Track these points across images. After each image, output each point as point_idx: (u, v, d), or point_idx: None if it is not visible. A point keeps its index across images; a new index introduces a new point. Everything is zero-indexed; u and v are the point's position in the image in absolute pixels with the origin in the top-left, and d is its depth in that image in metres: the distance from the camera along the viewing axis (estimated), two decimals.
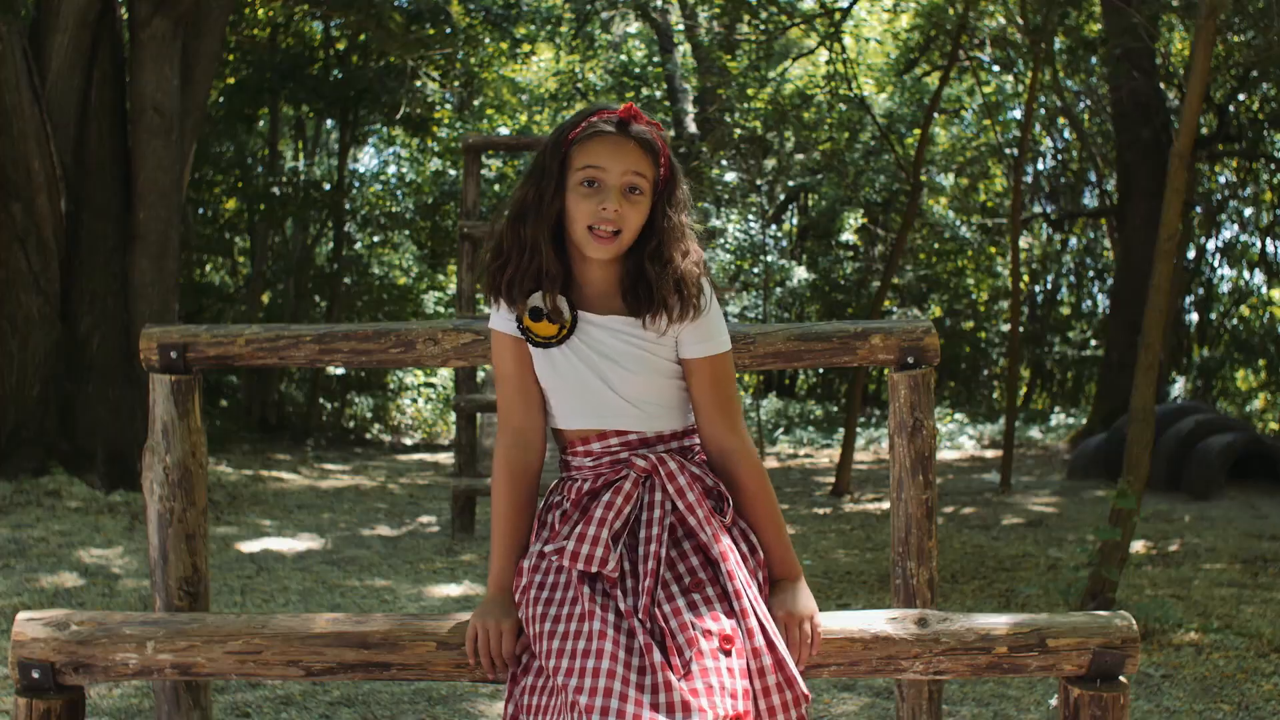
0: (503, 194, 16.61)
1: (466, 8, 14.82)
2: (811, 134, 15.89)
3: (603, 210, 2.09)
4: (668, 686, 1.91)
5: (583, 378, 2.18)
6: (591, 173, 2.11)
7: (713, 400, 2.20)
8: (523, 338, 2.19)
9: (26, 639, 2.18)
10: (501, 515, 2.21)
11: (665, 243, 2.15)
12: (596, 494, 2.17)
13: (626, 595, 2.05)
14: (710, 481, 2.19)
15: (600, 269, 2.19)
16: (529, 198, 2.16)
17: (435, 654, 2.20)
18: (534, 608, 2.10)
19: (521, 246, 2.16)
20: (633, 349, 2.18)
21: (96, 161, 8.55)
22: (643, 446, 2.20)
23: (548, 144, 2.17)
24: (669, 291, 2.14)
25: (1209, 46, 5.08)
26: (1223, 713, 3.78)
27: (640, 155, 2.12)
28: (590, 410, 2.20)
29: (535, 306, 2.17)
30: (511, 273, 2.16)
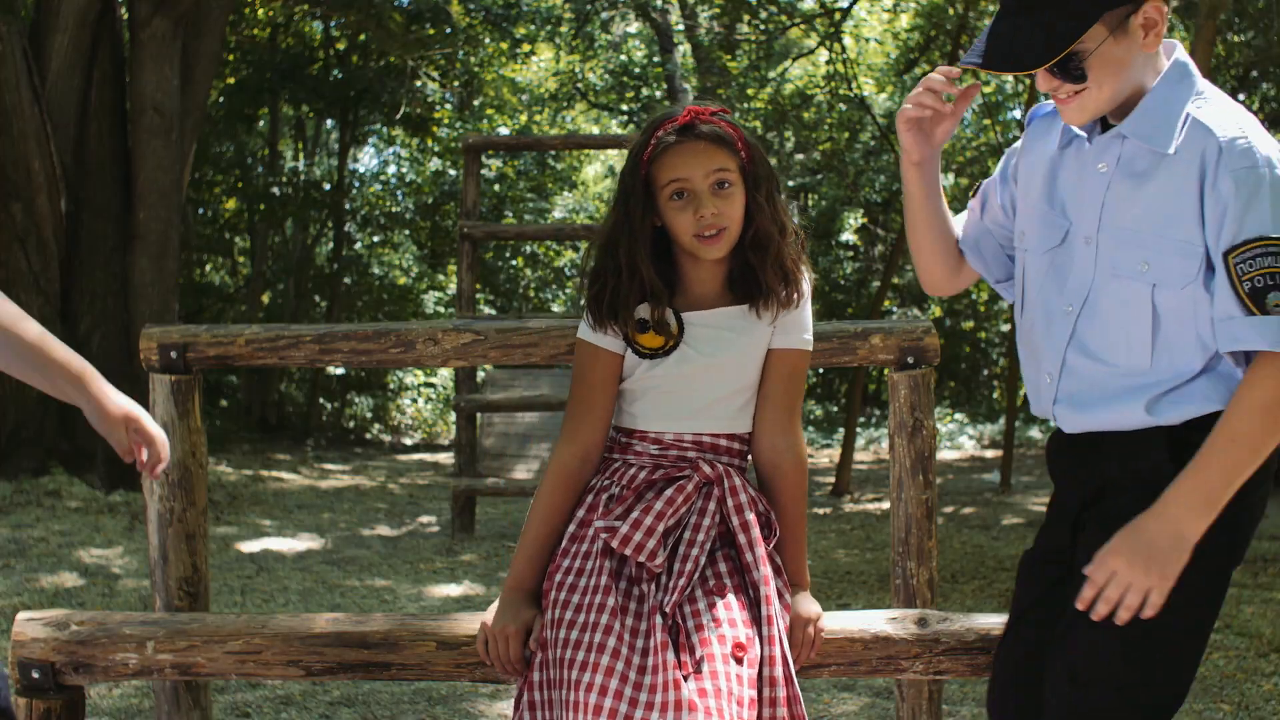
0: (503, 194, 16.63)
1: (466, 8, 14.83)
2: (811, 134, 15.90)
3: (700, 219, 2.12)
4: (676, 685, 1.92)
5: (676, 386, 2.19)
6: (677, 185, 2.13)
7: (783, 394, 2.22)
8: (622, 351, 2.20)
9: (26, 639, 2.19)
10: (539, 519, 2.21)
11: (761, 229, 2.17)
12: (654, 485, 2.17)
13: (658, 590, 2.06)
14: (763, 507, 2.21)
15: (711, 267, 2.21)
16: (619, 223, 2.19)
17: (435, 654, 2.20)
18: (559, 593, 2.10)
19: (618, 270, 2.17)
20: (739, 338, 2.19)
21: (96, 161, 8.55)
22: (711, 452, 2.21)
23: (625, 169, 2.20)
24: (774, 278, 2.17)
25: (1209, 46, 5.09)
26: (1223, 713, 3.78)
27: (716, 151, 2.14)
28: (675, 414, 2.21)
29: (641, 319, 2.18)
30: (612, 295, 2.18)
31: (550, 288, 18.45)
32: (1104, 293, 1.86)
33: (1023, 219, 2.02)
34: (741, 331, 2.20)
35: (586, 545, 2.15)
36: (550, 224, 16.20)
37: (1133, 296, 1.83)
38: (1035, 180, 1.98)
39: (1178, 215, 1.79)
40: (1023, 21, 1.78)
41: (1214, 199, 1.76)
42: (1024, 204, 2.02)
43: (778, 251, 2.18)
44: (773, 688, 2.01)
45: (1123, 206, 1.85)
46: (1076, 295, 1.89)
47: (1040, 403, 1.99)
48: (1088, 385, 1.89)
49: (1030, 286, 1.99)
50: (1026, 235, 2.00)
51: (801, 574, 2.25)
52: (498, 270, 17.43)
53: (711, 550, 2.16)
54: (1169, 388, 1.83)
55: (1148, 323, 1.83)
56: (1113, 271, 1.85)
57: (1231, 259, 1.75)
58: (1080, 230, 1.89)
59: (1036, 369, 2.00)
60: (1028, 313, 2.01)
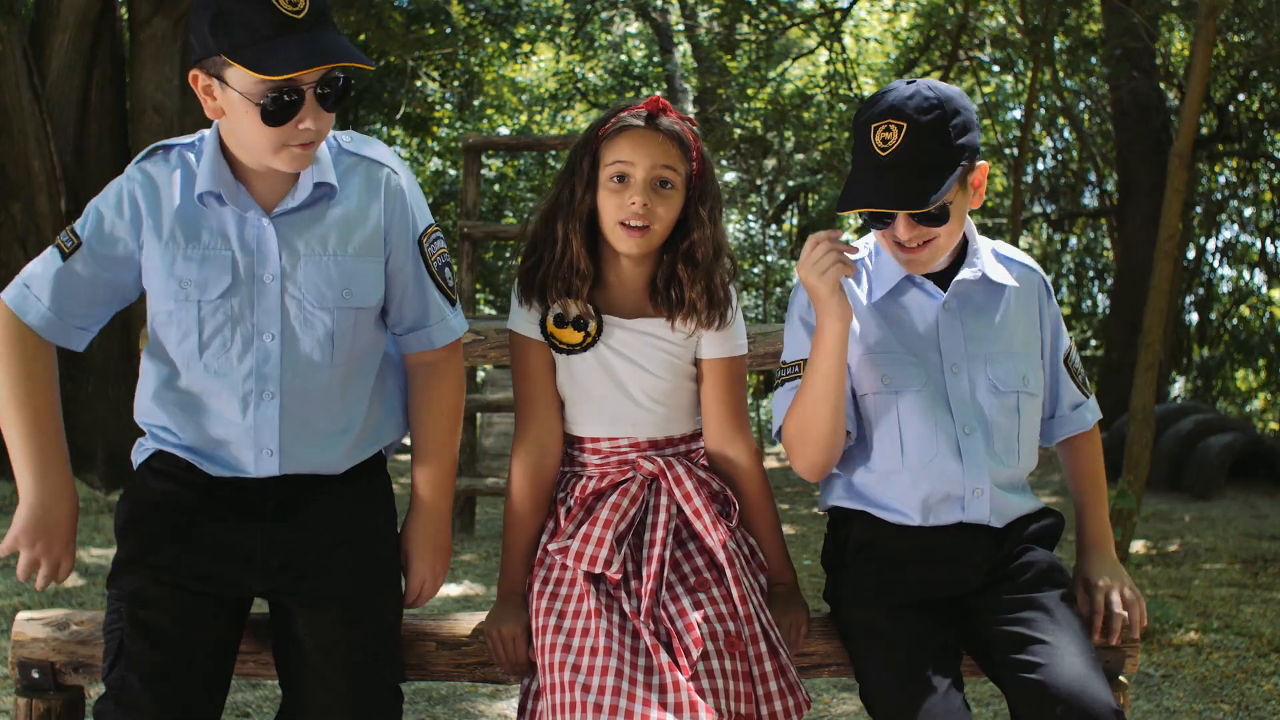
0: (502, 194, 16.62)
1: (466, 8, 14.83)
2: (811, 134, 15.89)
3: (631, 204, 2.07)
4: (675, 686, 1.91)
5: (601, 386, 2.17)
6: (620, 167, 2.09)
7: (724, 402, 2.20)
8: (545, 342, 2.18)
9: (26, 639, 2.19)
10: (516, 520, 2.20)
11: (698, 243, 2.14)
12: (602, 494, 2.16)
13: (631, 597, 2.05)
14: (716, 486, 2.20)
15: (632, 268, 2.17)
16: (561, 195, 2.15)
17: (435, 654, 2.20)
18: (539, 601, 2.10)
19: (553, 243, 2.14)
20: (658, 351, 2.17)
21: (96, 161, 8.54)
22: (651, 449, 2.20)
23: (579, 141, 2.17)
24: (699, 295, 2.13)
25: (1209, 46, 5.08)
26: (1223, 713, 3.78)
27: (670, 149, 2.10)
28: (606, 418, 2.20)
29: (560, 313, 2.15)
30: (545, 271, 2.15)
31: None
32: (990, 409, 2.13)
33: (881, 365, 2.13)
34: (662, 342, 2.17)
35: (558, 560, 2.15)
36: None
37: (1011, 407, 2.15)
38: (873, 332, 2.15)
39: (1034, 334, 2.21)
40: (901, 174, 2.00)
41: (1047, 317, 2.23)
42: (868, 355, 2.13)
43: (709, 270, 2.14)
44: (765, 684, 2.01)
45: (982, 335, 2.15)
46: (966, 416, 2.12)
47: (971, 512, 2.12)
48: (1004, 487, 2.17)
49: (908, 422, 2.11)
50: (893, 379, 2.11)
51: (785, 570, 2.24)
52: (498, 270, 17.43)
53: (682, 543, 2.15)
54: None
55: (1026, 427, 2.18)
56: (992, 389, 2.13)
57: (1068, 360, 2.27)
58: (948, 360, 2.13)
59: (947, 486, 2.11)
60: (909, 446, 2.11)
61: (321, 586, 2.02)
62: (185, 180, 1.97)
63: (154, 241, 1.95)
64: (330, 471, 2.05)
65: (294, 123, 1.87)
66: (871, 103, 2.05)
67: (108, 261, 1.97)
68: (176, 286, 1.94)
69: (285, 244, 1.96)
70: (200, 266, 1.94)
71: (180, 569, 1.99)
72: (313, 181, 1.97)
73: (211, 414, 1.98)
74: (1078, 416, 2.29)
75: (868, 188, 2.02)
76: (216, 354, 1.96)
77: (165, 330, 1.98)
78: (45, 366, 1.98)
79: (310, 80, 1.87)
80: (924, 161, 2.00)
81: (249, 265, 1.95)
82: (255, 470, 1.99)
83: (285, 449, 1.98)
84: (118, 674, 1.93)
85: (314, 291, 1.97)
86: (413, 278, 2.07)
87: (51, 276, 1.96)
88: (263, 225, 1.96)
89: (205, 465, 2.00)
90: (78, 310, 1.98)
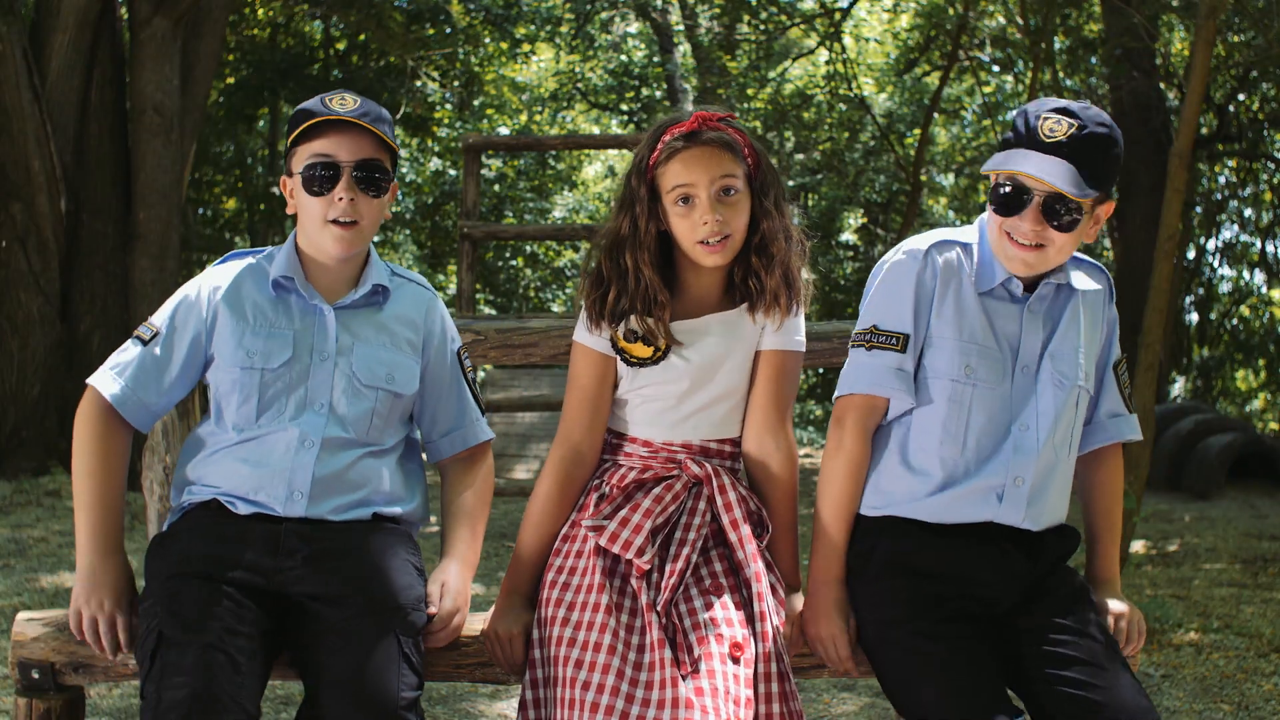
0: (502, 194, 16.62)
1: (466, 8, 14.82)
2: (811, 134, 15.90)
3: (704, 225, 2.11)
4: (673, 683, 1.92)
5: (665, 394, 2.19)
6: (682, 190, 2.13)
7: (774, 395, 2.21)
8: (612, 355, 2.19)
9: (26, 639, 2.19)
10: (534, 522, 2.21)
11: (769, 235, 2.17)
12: (644, 485, 2.17)
13: (649, 589, 2.06)
14: (754, 505, 2.21)
15: (711, 273, 2.20)
16: (623, 229, 2.18)
17: (435, 654, 2.21)
18: (549, 591, 2.11)
19: (622, 274, 2.17)
20: (728, 341, 2.19)
21: (96, 161, 8.55)
22: (701, 454, 2.21)
23: (630, 173, 2.20)
24: (777, 285, 2.17)
25: (1209, 46, 5.09)
26: (1223, 713, 3.78)
27: (722, 157, 2.13)
28: (664, 424, 2.21)
29: (632, 329, 2.17)
30: (615, 297, 2.17)
31: (550, 288, 18.44)
32: (1055, 402, 2.17)
33: (968, 355, 2.16)
34: (731, 335, 2.19)
35: (579, 545, 2.15)
36: (550, 224, 16.19)
37: (1072, 402, 2.18)
38: (969, 321, 2.18)
39: (1095, 334, 2.26)
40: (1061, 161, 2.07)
41: (1105, 320, 2.30)
42: (959, 342, 2.17)
43: (784, 258, 2.17)
44: (768, 684, 2.02)
45: (1056, 336, 2.20)
46: (1026, 414, 2.16)
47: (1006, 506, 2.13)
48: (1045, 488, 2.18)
49: (976, 414, 2.15)
50: (975, 370, 2.15)
51: (795, 573, 2.25)
52: (498, 270, 17.42)
53: (705, 549, 2.15)
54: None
55: (1079, 423, 2.23)
56: (1057, 383, 2.17)
57: (1117, 368, 2.31)
58: (1021, 361, 2.18)
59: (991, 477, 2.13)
60: (971, 437, 2.14)
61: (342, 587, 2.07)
62: (259, 273, 2.29)
63: (226, 319, 2.23)
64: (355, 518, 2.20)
65: (333, 195, 2.20)
66: (1039, 103, 2.14)
67: (182, 345, 2.24)
68: (244, 355, 2.20)
69: (344, 328, 2.26)
70: (266, 340, 2.21)
71: (209, 559, 2.07)
72: (372, 283, 2.29)
73: (254, 464, 2.16)
74: (1115, 426, 2.28)
75: (1025, 160, 2.07)
76: (273, 417, 2.19)
77: (229, 397, 2.21)
78: (121, 445, 2.21)
79: (346, 159, 2.21)
80: (1083, 161, 2.06)
81: (309, 343, 2.23)
82: (284, 510, 2.14)
83: (314, 495, 2.15)
84: (159, 661, 1.95)
85: (365, 371, 2.23)
86: (451, 384, 2.37)
87: (133, 360, 2.22)
88: (324, 311, 2.26)
89: (236, 505, 2.14)
90: (150, 390, 2.22)
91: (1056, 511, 2.20)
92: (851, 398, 2.19)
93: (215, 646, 1.93)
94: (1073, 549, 2.24)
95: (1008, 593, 2.13)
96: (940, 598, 2.10)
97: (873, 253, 19.07)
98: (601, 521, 2.10)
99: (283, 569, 2.08)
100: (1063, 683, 2.00)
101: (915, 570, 2.12)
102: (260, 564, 2.08)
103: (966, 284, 2.19)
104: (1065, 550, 2.22)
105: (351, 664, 1.98)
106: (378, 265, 2.33)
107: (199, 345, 2.23)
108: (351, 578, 2.07)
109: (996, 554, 2.13)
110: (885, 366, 2.17)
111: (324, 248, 2.24)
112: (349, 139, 2.21)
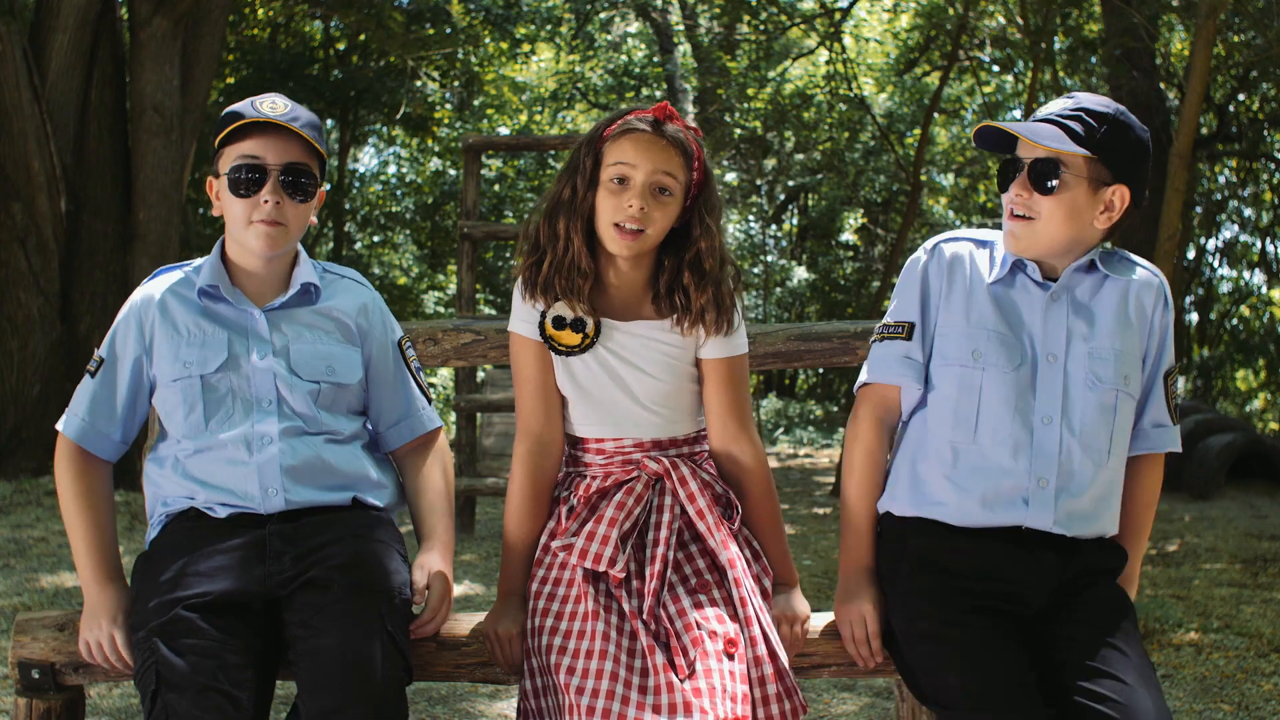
0: (503, 194, 16.63)
1: (466, 8, 14.83)
2: (811, 134, 15.90)
3: (628, 207, 2.09)
4: (670, 688, 1.91)
5: (602, 387, 2.18)
6: (621, 169, 2.11)
7: (727, 402, 2.20)
8: (543, 344, 2.18)
9: (26, 639, 2.19)
10: (516, 520, 2.21)
11: (704, 252, 2.15)
12: (606, 493, 2.17)
13: (631, 596, 2.05)
14: (719, 489, 2.20)
15: (630, 271, 2.18)
16: (563, 193, 2.16)
17: (435, 654, 2.20)
18: (536, 601, 2.10)
19: (555, 239, 2.15)
20: (658, 354, 2.17)
21: (96, 161, 8.55)
22: (655, 449, 2.20)
23: (583, 140, 2.18)
24: (707, 303, 2.15)
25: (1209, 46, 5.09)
26: (1223, 713, 3.78)
27: (671, 155, 2.12)
28: (608, 419, 2.20)
29: (558, 315, 2.16)
30: (547, 268, 2.16)
31: None
32: (1085, 402, 2.13)
33: (975, 340, 2.17)
34: (662, 345, 2.17)
35: (560, 555, 2.15)
36: None
37: (1109, 405, 2.14)
38: (978, 309, 2.19)
39: (1141, 337, 2.20)
40: (1038, 118, 2.13)
41: (1158, 325, 2.22)
42: (966, 328, 2.18)
43: (717, 279, 2.16)
44: (759, 666, 2.01)
45: (1088, 327, 2.17)
46: (1049, 407, 2.13)
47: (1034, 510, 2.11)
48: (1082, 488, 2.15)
49: (987, 401, 2.15)
50: (982, 355, 2.15)
51: (788, 571, 2.24)
52: (498, 270, 17.43)
53: (684, 544, 2.15)
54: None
55: (1120, 430, 2.17)
56: (1090, 383, 2.14)
57: (1168, 378, 2.23)
58: (1044, 349, 2.15)
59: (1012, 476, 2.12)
60: (984, 425, 2.14)
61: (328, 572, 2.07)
62: (187, 285, 2.28)
63: (162, 336, 2.24)
64: (334, 504, 2.22)
65: (258, 197, 2.19)
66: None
67: (124, 370, 2.25)
68: (181, 367, 2.21)
69: (275, 329, 2.26)
70: (201, 349, 2.22)
71: (200, 577, 2.06)
72: (301, 281, 2.29)
73: (221, 466, 2.18)
74: (1157, 436, 2.24)
75: (1009, 127, 2.12)
76: (221, 421, 2.19)
77: (173, 411, 2.22)
78: (97, 481, 2.26)
79: (274, 163, 2.20)
80: (1072, 125, 2.09)
81: (244, 346, 2.23)
82: (263, 507, 2.16)
83: (288, 487, 2.16)
84: (161, 702, 1.95)
85: (304, 365, 2.24)
86: (394, 375, 2.37)
87: (85, 394, 2.26)
88: (254, 315, 2.26)
89: (215, 510, 2.16)
90: (105, 420, 2.25)
91: (1098, 521, 2.15)
92: (864, 388, 2.27)
93: (212, 688, 1.93)
94: (1118, 567, 2.20)
95: (1037, 591, 2.10)
96: (967, 592, 2.09)
97: (873, 253, 19.07)
98: (569, 540, 2.10)
99: (272, 575, 2.08)
100: (1088, 695, 1.98)
101: (944, 569, 2.12)
102: (250, 573, 2.07)
103: (976, 274, 2.22)
104: (1108, 565, 2.18)
105: (334, 643, 1.98)
106: (306, 264, 2.32)
107: (140, 367, 2.25)
108: (337, 565, 2.07)
109: (1027, 556, 2.11)
110: (892, 355, 2.22)
111: (249, 246, 2.23)
112: (277, 142, 2.20)
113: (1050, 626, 2.10)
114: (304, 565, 2.08)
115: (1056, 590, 2.12)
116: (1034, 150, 2.11)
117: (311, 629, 2.02)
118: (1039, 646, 2.09)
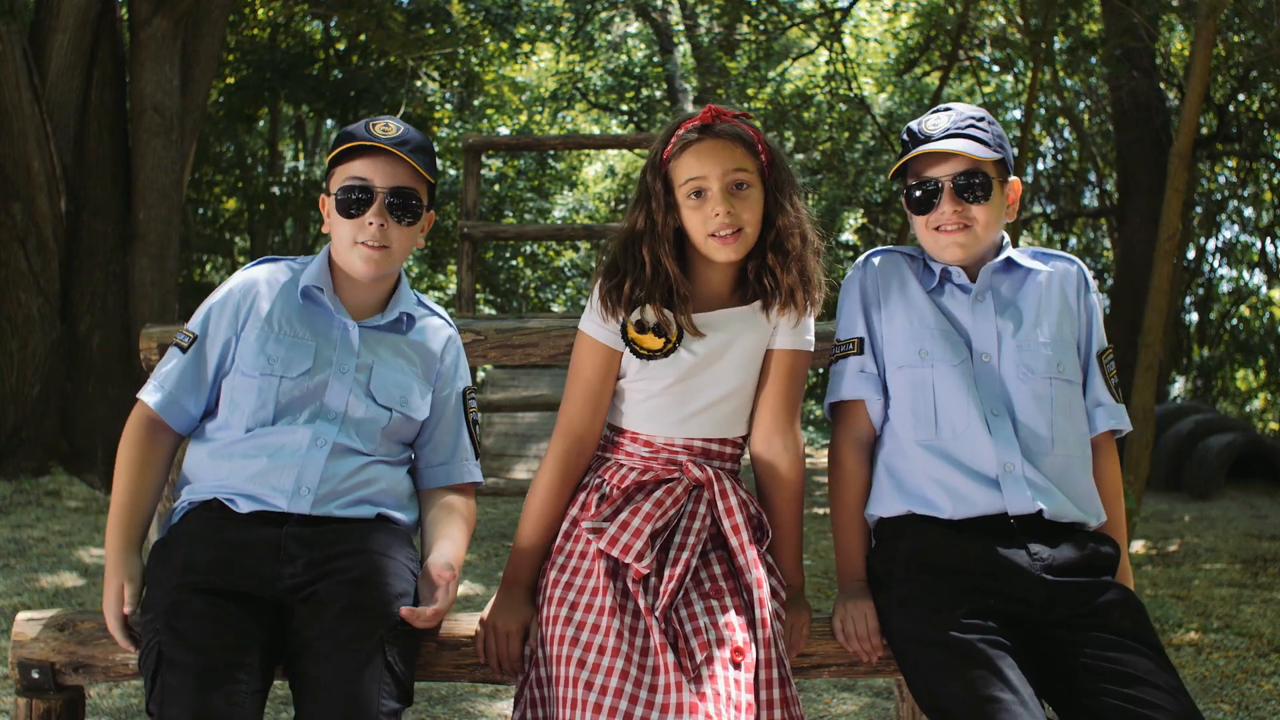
0: (503, 194, 16.62)
1: (466, 8, 14.83)
2: (811, 134, 15.89)
3: (715, 217, 2.11)
4: (677, 688, 1.92)
5: (672, 388, 2.19)
6: (694, 184, 2.13)
7: (783, 394, 2.22)
8: (622, 349, 2.19)
9: (26, 639, 2.19)
10: (535, 514, 2.21)
11: (784, 231, 2.17)
12: (644, 487, 2.17)
13: (647, 594, 2.05)
14: (754, 510, 2.21)
15: (723, 268, 2.20)
16: (638, 224, 2.18)
17: (435, 654, 2.21)
18: (553, 590, 2.10)
19: (638, 266, 2.16)
20: (739, 338, 2.19)
21: (96, 161, 8.54)
22: (702, 455, 2.20)
23: (646, 168, 2.20)
24: (795, 281, 2.17)
25: (1209, 46, 5.09)
26: (1223, 713, 3.78)
27: (734, 150, 2.13)
28: (667, 419, 2.21)
29: (641, 320, 2.17)
30: (630, 286, 2.16)
31: (550, 288, 18.44)
32: (1019, 394, 2.20)
33: (921, 340, 2.24)
34: (742, 332, 2.19)
35: (581, 545, 2.15)
36: (550, 224, 16.19)
37: (1043, 394, 2.21)
38: (919, 314, 2.28)
39: (1069, 323, 2.29)
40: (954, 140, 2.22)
41: (1084, 307, 2.32)
42: (910, 329, 2.26)
43: (800, 256, 2.17)
44: (769, 689, 2.02)
45: (1013, 322, 2.25)
46: (993, 400, 2.20)
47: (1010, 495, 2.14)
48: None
49: (941, 393, 2.22)
50: (929, 353, 2.23)
51: (796, 573, 2.25)
52: (498, 270, 17.43)
53: (705, 553, 2.15)
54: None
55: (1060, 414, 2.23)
56: (1022, 374, 2.21)
57: (1102, 358, 2.33)
58: (978, 349, 2.24)
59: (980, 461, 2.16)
60: (943, 416, 2.20)
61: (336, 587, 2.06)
62: (289, 280, 2.33)
63: (253, 324, 2.27)
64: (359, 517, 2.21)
65: (363, 218, 2.24)
66: (914, 124, 2.30)
67: (215, 350, 2.28)
68: (265, 362, 2.24)
69: (366, 346, 2.30)
70: (289, 349, 2.25)
71: (211, 567, 2.06)
72: (399, 309, 2.35)
73: (267, 455, 2.18)
74: (1100, 415, 2.30)
75: (927, 149, 2.22)
76: (288, 421, 2.22)
77: (243, 401, 2.24)
78: (160, 453, 2.28)
79: (381, 185, 2.24)
80: (972, 135, 2.23)
81: (329, 356, 2.27)
82: (289, 505, 2.14)
83: (320, 493, 2.17)
84: (161, 683, 1.95)
85: (382, 390, 2.28)
86: (452, 419, 2.42)
87: (174, 367, 2.28)
88: (349, 326, 2.30)
89: (237, 504, 2.15)
90: (190, 395, 2.28)
91: (1080, 503, 2.19)
92: (835, 408, 2.34)
93: (214, 669, 1.93)
94: (1111, 556, 2.21)
95: (1035, 590, 2.10)
96: (963, 594, 2.09)
97: None
98: (601, 524, 2.10)
99: (282, 576, 2.08)
100: (1123, 700, 1.98)
101: (938, 567, 2.13)
102: (261, 571, 2.07)
103: (912, 282, 2.30)
104: (1100, 553, 2.19)
105: (333, 671, 1.98)
106: (406, 294, 2.39)
107: (229, 350, 2.28)
108: (347, 581, 2.06)
109: (1017, 548, 2.12)
110: (850, 371, 2.30)
111: (353, 267, 2.29)
112: (386, 165, 2.24)
113: (1065, 633, 2.09)
114: (316, 574, 2.08)
115: (1061, 591, 2.11)
116: (955, 165, 2.21)
117: (312, 651, 2.02)
118: (1054, 654, 2.08)
